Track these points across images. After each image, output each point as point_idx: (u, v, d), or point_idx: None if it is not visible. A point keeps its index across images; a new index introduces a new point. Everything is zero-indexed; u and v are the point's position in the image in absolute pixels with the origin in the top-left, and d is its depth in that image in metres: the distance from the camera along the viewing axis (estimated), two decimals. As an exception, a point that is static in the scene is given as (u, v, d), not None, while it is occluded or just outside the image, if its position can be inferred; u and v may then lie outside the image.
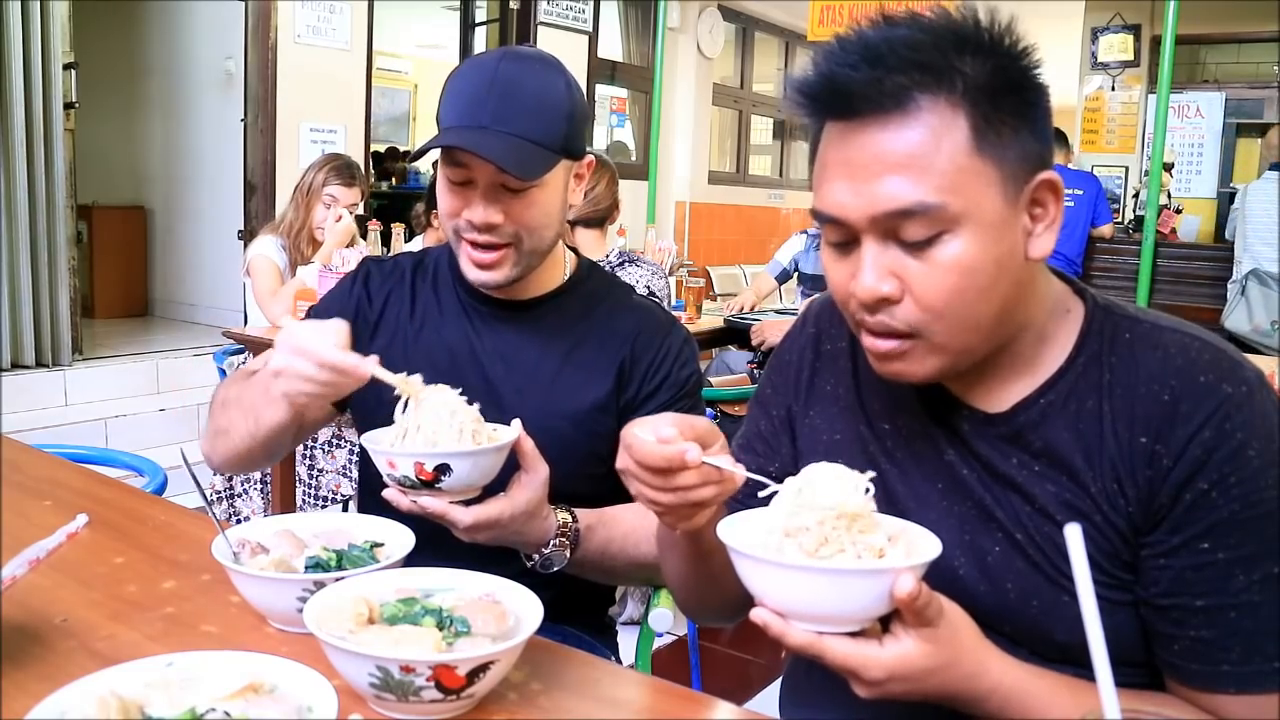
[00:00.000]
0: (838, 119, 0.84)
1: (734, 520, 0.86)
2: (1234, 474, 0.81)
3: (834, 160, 0.85)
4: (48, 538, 0.99)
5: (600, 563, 1.25)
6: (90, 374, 4.44)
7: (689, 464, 0.84)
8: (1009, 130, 0.82)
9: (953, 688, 0.81)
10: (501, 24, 6.61)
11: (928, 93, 0.80)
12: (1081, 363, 0.90)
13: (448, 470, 1.04)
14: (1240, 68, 7.88)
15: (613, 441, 1.34)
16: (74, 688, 0.71)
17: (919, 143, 0.80)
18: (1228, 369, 0.85)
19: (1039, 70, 0.85)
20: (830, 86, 0.84)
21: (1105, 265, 6.08)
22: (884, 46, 0.82)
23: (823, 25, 5.38)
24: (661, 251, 4.27)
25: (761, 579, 0.78)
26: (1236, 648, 0.82)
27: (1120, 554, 0.86)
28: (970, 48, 0.82)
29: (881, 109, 0.81)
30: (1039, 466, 0.89)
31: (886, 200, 0.81)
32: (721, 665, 2.77)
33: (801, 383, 1.07)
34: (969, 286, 0.82)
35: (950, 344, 0.85)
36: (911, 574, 0.74)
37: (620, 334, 1.36)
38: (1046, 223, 0.86)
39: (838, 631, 0.78)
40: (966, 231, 0.81)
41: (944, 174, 0.80)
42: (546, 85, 1.27)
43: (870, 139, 0.82)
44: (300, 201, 3.38)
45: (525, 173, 1.23)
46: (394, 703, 0.79)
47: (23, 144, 4.11)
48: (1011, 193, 0.83)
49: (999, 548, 0.90)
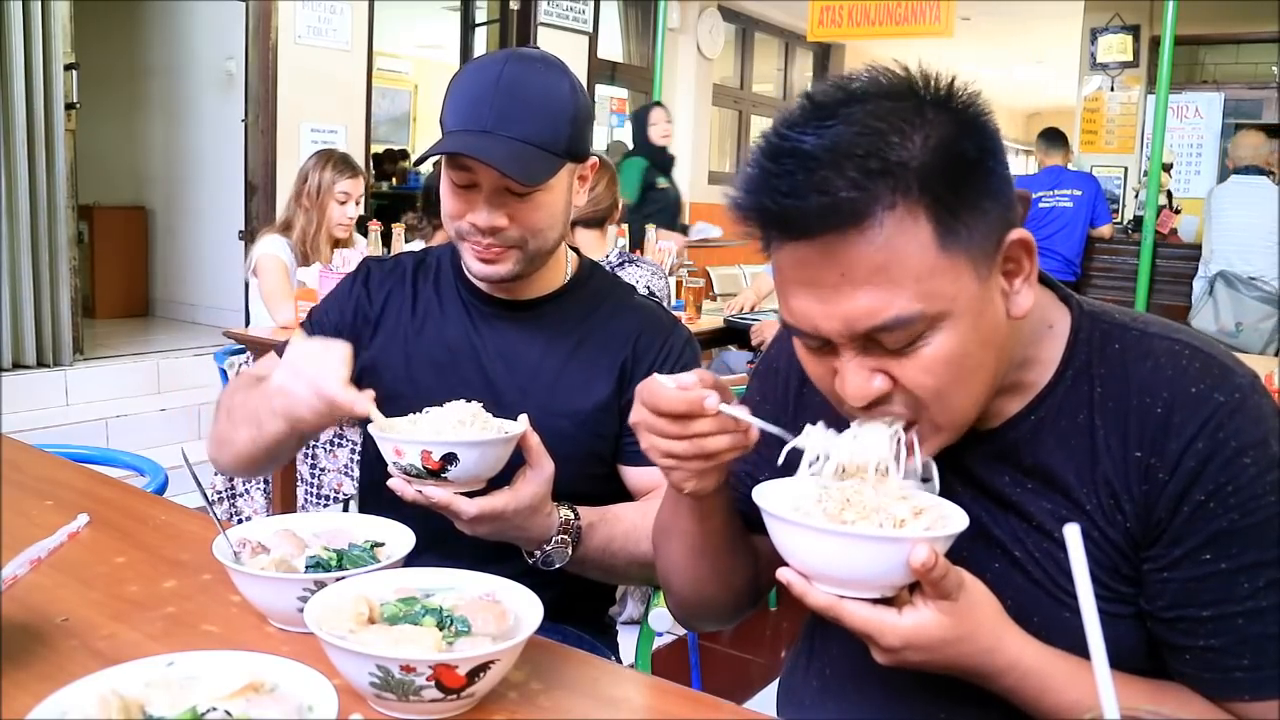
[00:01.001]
0: (790, 240, 0.79)
1: (767, 487, 0.87)
2: (1230, 483, 0.81)
3: (795, 278, 0.80)
4: (49, 537, 0.99)
5: (601, 561, 1.25)
6: (91, 374, 4.44)
7: (707, 410, 0.83)
8: (971, 212, 0.78)
9: (969, 661, 0.81)
10: (501, 24, 6.61)
11: (883, 202, 0.75)
12: (1070, 376, 0.89)
13: (454, 460, 1.04)
14: (1239, 68, 7.88)
15: (614, 442, 1.35)
16: (75, 687, 0.71)
17: (883, 256, 0.76)
18: (1219, 376, 0.84)
19: (988, 117, 0.81)
20: (776, 217, 0.78)
21: (1104, 265, 6.07)
22: (825, 158, 0.75)
23: (823, 25, 5.38)
24: (661, 251, 4.27)
25: (786, 538, 0.80)
26: (1247, 654, 0.82)
27: (1119, 568, 0.86)
28: (914, 123, 0.77)
29: (838, 228, 0.76)
30: (1031, 484, 0.89)
31: (861, 318, 0.78)
32: (721, 665, 2.78)
33: (791, 391, 1.06)
34: (959, 372, 0.81)
35: (952, 421, 0.84)
36: (927, 545, 0.75)
37: (622, 334, 1.36)
38: (1023, 278, 0.84)
39: (858, 597, 0.79)
40: (947, 326, 0.79)
41: (916, 280, 0.76)
42: (551, 88, 1.27)
43: (831, 256, 0.77)
44: (310, 205, 3.38)
45: (529, 178, 1.23)
46: (394, 702, 0.79)
47: (24, 144, 4.12)
48: (984, 270, 0.80)
49: (997, 564, 0.89)
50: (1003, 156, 0.83)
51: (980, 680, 0.83)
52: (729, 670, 2.78)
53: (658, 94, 5.83)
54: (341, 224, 3.39)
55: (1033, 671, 0.82)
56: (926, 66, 0.81)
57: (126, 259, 5.99)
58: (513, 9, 6.47)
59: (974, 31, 8.34)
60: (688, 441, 0.86)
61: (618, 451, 1.36)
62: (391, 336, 1.39)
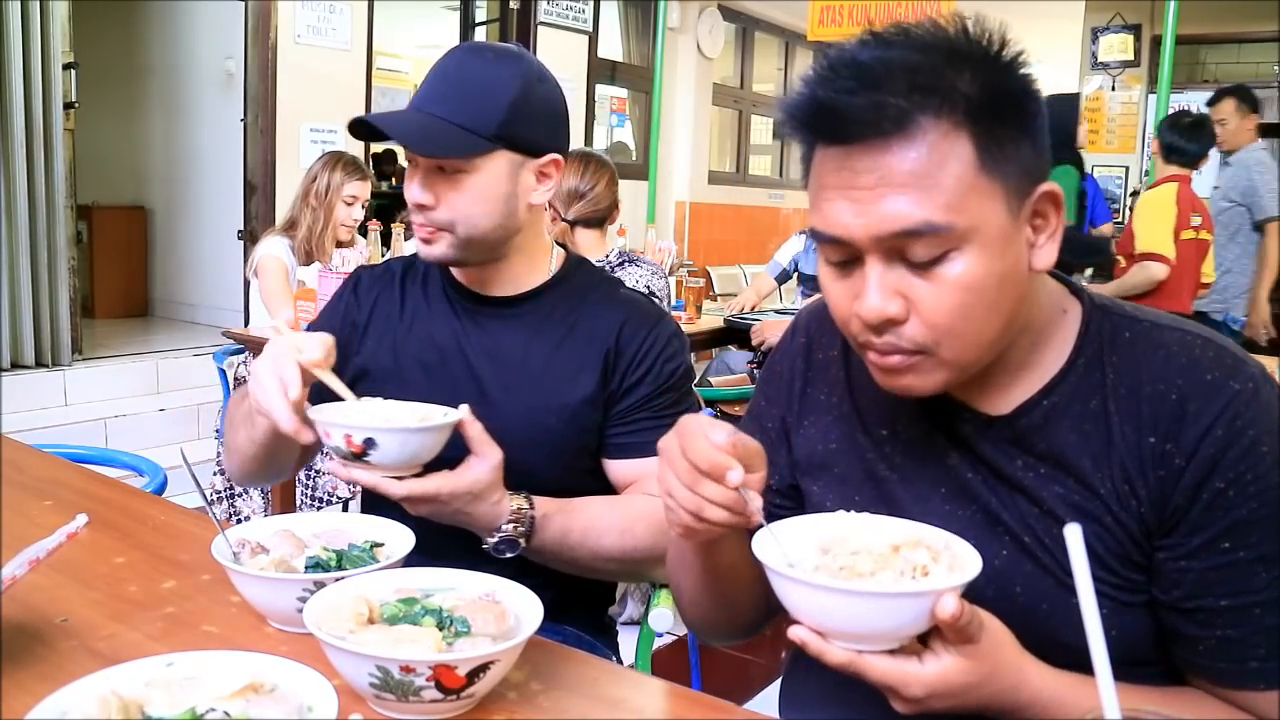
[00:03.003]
0: (835, 144, 0.82)
1: (767, 534, 0.84)
2: (1249, 471, 0.81)
3: (833, 183, 0.82)
4: (48, 538, 0.99)
5: (560, 553, 1.23)
6: (90, 374, 4.44)
7: (727, 482, 0.82)
8: (1011, 146, 0.81)
9: (993, 701, 0.80)
10: (501, 24, 6.61)
11: (929, 114, 0.78)
12: (1082, 364, 0.89)
13: (373, 444, 1.06)
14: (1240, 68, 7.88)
15: (601, 436, 1.35)
16: (74, 687, 0.71)
17: (923, 163, 0.78)
18: (1232, 365, 0.85)
19: (1035, 78, 0.84)
20: (827, 113, 0.81)
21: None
22: (879, 68, 0.79)
23: (823, 25, 5.38)
24: (661, 251, 4.27)
25: (799, 598, 0.77)
26: (1263, 644, 0.82)
27: (1131, 555, 0.86)
28: (967, 63, 0.80)
29: (882, 133, 0.79)
30: (1044, 469, 0.89)
31: (892, 220, 0.79)
32: (721, 665, 2.77)
33: (794, 393, 1.06)
34: (976, 304, 0.81)
35: (958, 359, 0.84)
36: (953, 594, 0.74)
37: (606, 327, 1.35)
38: (1048, 233, 0.85)
39: (877, 650, 0.77)
40: (973, 249, 0.80)
41: (949, 193, 0.78)
42: (489, 74, 1.27)
43: (872, 161, 0.79)
44: (318, 205, 3.39)
45: (430, 149, 1.25)
46: (394, 703, 0.79)
47: (23, 144, 4.12)
48: (1015, 207, 0.82)
49: (1006, 551, 0.89)
50: (1043, 110, 0.85)
51: (1004, 716, 0.82)
52: (729, 671, 2.77)
53: (658, 94, 5.83)
54: (346, 225, 3.41)
55: (1054, 702, 0.82)
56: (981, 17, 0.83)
57: (126, 259, 6.00)
58: (513, 9, 6.46)
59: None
60: (691, 495, 0.84)
61: (601, 445, 1.35)
62: (380, 340, 1.40)
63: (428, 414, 1.14)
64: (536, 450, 1.29)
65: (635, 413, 1.34)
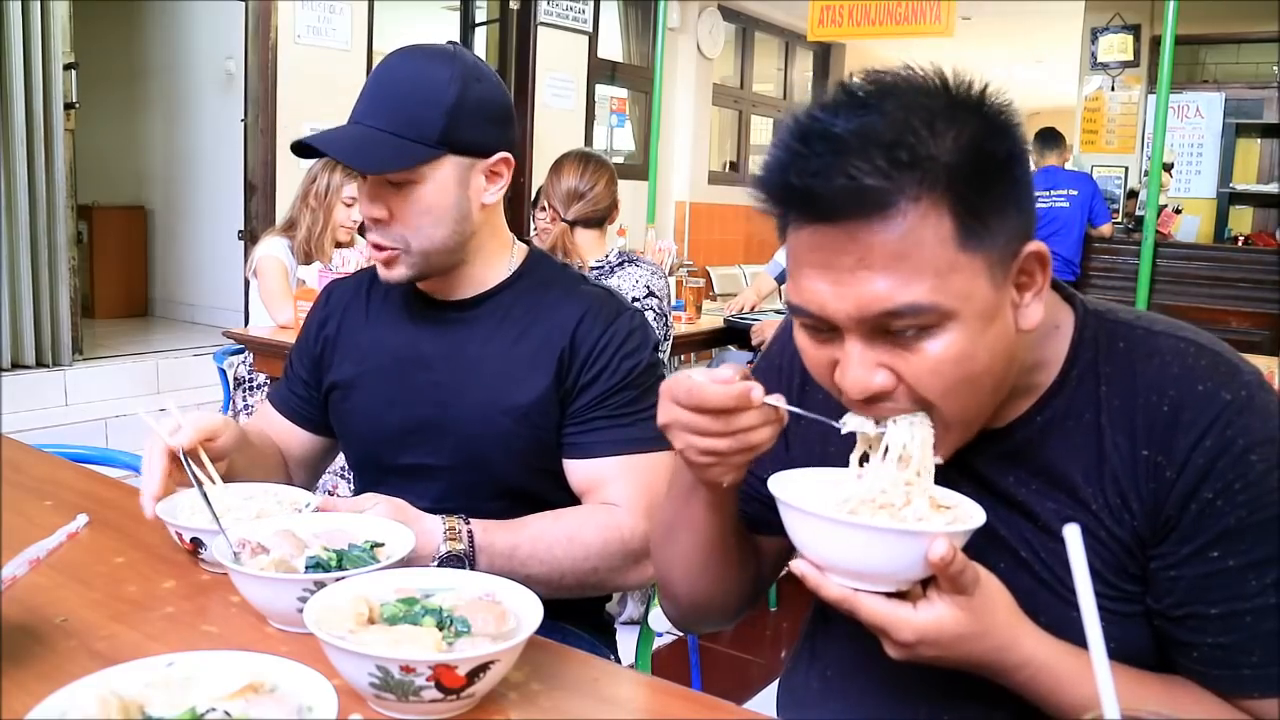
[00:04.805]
0: (810, 223, 0.79)
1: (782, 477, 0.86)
2: (1238, 480, 0.81)
3: (811, 260, 0.80)
4: (48, 538, 0.99)
5: (514, 569, 1.18)
6: (90, 374, 4.44)
7: (754, 402, 0.82)
8: (996, 217, 0.78)
9: (982, 658, 0.81)
10: (501, 24, 6.61)
11: (909, 193, 0.75)
12: (1076, 375, 0.89)
13: (202, 545, 1.08)
14: (1240, 68, 7.88)
15: (556, 434, 1.32)
16: (74, 687, 0.71)
17: (903, 244, 0.76)
18: (1226, 374, 0.84)
19: (1019, 126, 0.82)
20: (800, 195, 0.78)
21: (1104, 265, 6.08)
22: (854, 142, 0.75)
23: (823, 25, 5.38)
24: (661, 251, 4.27)
25: (802, 530, 0.80)
26: (1256, 651, 0.82)
27: (1126, 567, 0.86)
28: (952, 125, 0.77)
29: (860, 213, 0.76)
30: (1037, 484, 0.89)
31: (873, 302, 0.77)
32: (721, 665, 2.77)
33: (793, 390, 1.05)
34: (964, 375, 0.80)
35: (962, 420, 0.84)
36: (946, 539, 0.74)
37: (562, 324, 1.32)
38: (1034, 292, 0.83)
39: (874, 590, 0.78)
40: (957, 325, 0.78)
41: (931, 273, 0.76)
42: (423, 78, 1.24)
43: (851, 240, 0.77)
44: (318, 205, 3.39)
45: (371, 164, 1.23)
46: (394, 702, 0.79)
47: (23, 144, 4.11)
48: (1000, 276, 0.80)
49: (1003, 564, 0.89)
50: (1028, 166, 0.83)
51: (993, 676, 0.83)
52: (729, 670, 2.77)
53: (658, 93, 5.83)
54: (346, 226, 3.41)
55: (1046, 668, 0.82)
56: (960, 69, 0.81)
57: (126, 259, 5.99)
58: (512, 9, 6.46)
59: (974, 31, 8.34)
60: (732, 438, 0.83)
61: (559, 445, 1.33)
62: (347, 354, 1.41)
63: (284, 498, 1.16)
64: (494, 451, 1.29)
65: (590, 411, 1.31)
